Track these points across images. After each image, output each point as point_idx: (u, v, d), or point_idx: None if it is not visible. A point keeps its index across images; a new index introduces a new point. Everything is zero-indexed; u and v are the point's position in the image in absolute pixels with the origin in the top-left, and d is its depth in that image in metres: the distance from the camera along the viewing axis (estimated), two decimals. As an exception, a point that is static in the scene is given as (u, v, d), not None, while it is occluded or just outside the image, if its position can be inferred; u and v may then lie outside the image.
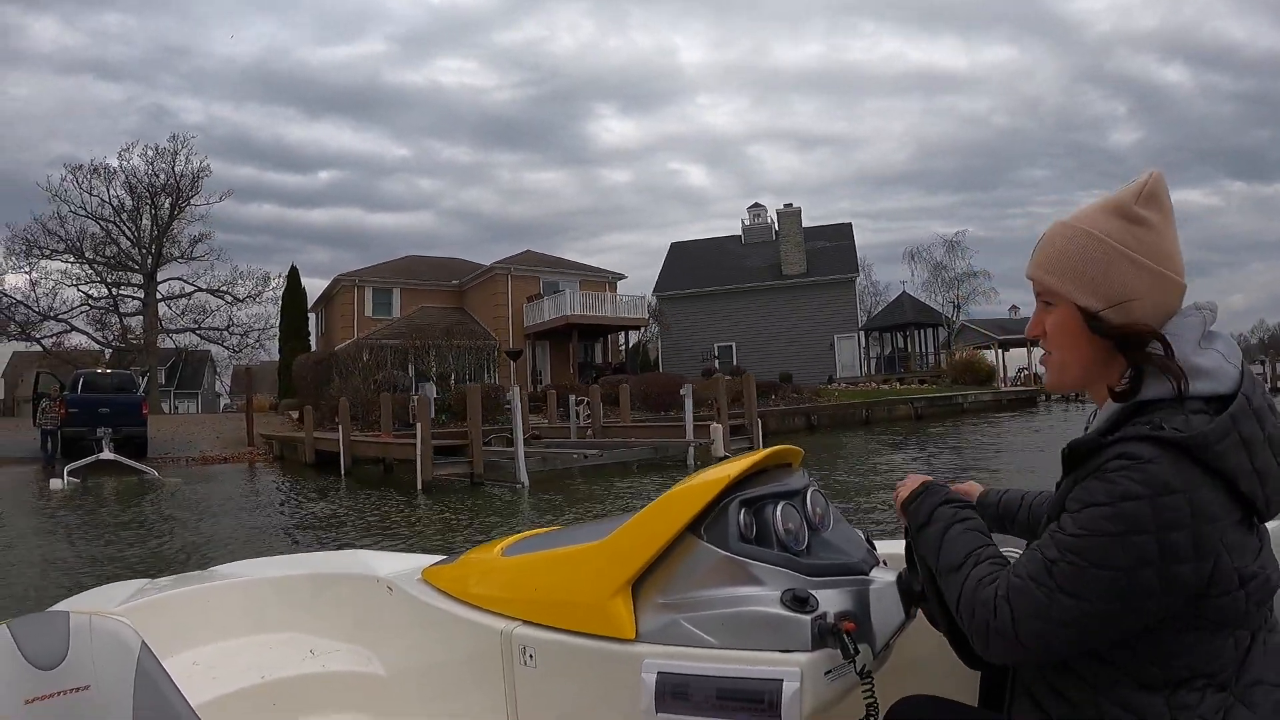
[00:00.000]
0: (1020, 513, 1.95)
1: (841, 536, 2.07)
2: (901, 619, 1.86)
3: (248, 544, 11.75)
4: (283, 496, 18.14)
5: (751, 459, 2.08)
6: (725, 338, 47.94)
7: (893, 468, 18.42)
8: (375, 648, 2.69)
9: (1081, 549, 1.27)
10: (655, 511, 2.03)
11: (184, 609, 2.75)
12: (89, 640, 1.79)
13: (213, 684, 2.46)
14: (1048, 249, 1.47)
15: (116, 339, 47.91)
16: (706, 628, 1.86)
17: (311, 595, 2.89)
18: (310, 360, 35.64)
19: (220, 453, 29.01)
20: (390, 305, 43.95)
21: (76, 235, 45.96)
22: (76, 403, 25.97)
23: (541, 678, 2.15)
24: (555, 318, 39.96)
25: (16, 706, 1.67)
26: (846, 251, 49.44)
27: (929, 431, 28.76)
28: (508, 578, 2.38)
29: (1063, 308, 1.45)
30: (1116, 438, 1.31)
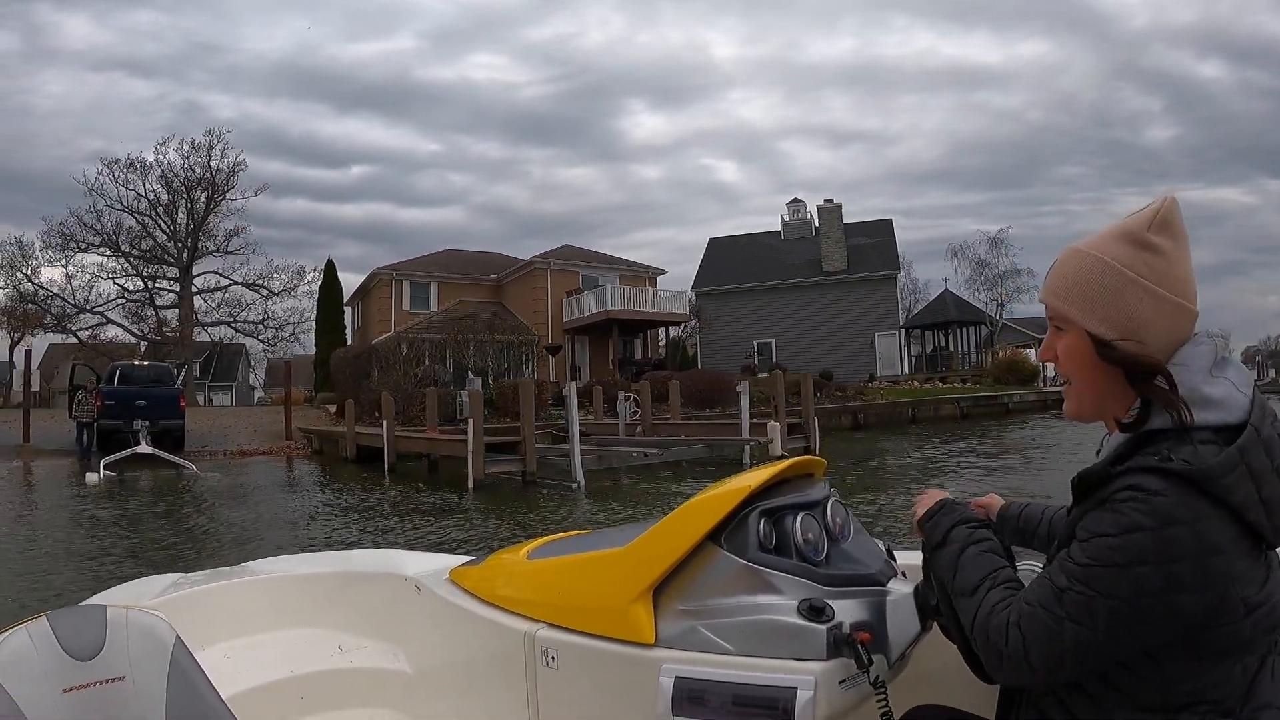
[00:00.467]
0: (1040, 527, 1.95)
1: (861, 547, 2.08)
2: (917, 630, 1.85)
3: (295, 548, 10.82)
4: (327, 496, 17.22)
5: (773, 469, 2.09)
6: (765, 335, 46.89)
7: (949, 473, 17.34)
8: (402, 645, 2.73)
9: (1089, 578, 1.29)
10: (677, 519, 2.05)
11: (216, 603, 2.80)
12: (125, 633, 1.84)
13: (243, 677, 2.51)
14: (1060, 274, 1.47)
15: (152, 332, 47.44)
16: (724, 635, 1.87)
17: (341, 592, 2.93)
18: (349, 354, 34.81)
19: (258, 446, 28.22)
20: (428, 299, 43.16)
21: (113, 229, 45.56)
22: (113, 395, 25.24)
23: (563, 679, 2.17)
24: (595, 312, 38.97)
25: (55, 696, 1.71)
26: (887, 248, 48.21)
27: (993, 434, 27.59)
28: (533, 580, 2.40)
29: (1074, 333, 1.45)
30: (1125, 468, 1.32)
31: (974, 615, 1.47)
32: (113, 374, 26.86)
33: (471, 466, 16.83)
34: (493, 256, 49.78)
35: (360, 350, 34.59)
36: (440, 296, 43.28)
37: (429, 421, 22.79)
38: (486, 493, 16.30)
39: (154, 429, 23.86)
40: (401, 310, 42.01)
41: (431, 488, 17.69)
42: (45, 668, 1.73)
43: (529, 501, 15.34)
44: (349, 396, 29.66)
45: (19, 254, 44.87)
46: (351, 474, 20.84)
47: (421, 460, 21.35)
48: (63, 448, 26.21)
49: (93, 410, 24.72)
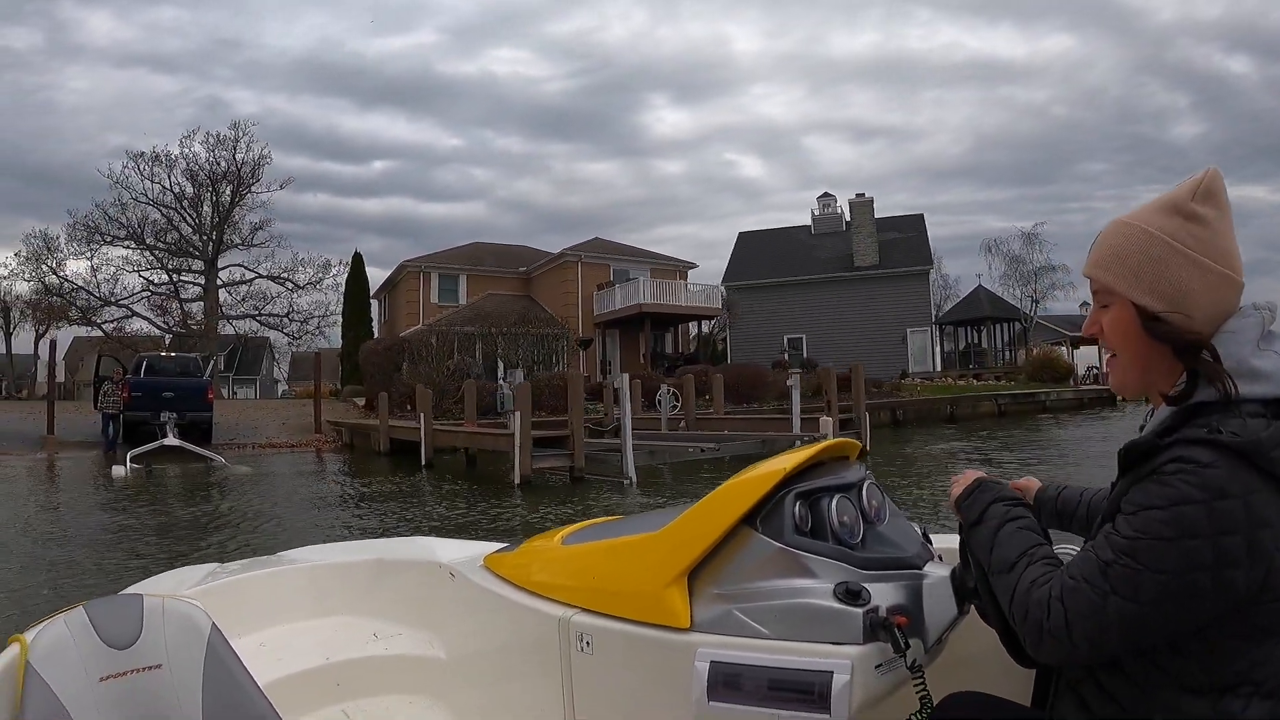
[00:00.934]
0: (1079, 509, 1.90)
1: (897, 530, 2.04)
2: (954, 614, 1.80)
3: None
4: (365, 492, 16.22)
5: (809, 451, 2.06)
6: (795, 330, 45.63)
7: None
8: (437, 632, 2.70)
9: (1136, 551, 1.26)
10: (712, 503, 2.02)
11: (252, 592, 2.79)
12: (161, 622, 1.87)
13: (279, 664, 2.51)
14: (1104, 247, 1.46)
15: (177, 324, 46.61)
16: (760, 618, 1.85)
17: (375, 580, 2.92)
18: (379, 346, 33.84)
19: (287, 439, 27.32)
20: (456, 292, 42.12)
21: (138, 222, 44.96)
22: (140, 386, 24.39)
23: (598, 664, 2.14)
24: (627, 306, 37.87)
25: (92, 684, 1.73)
26: (919, 243, 46.79)
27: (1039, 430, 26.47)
28: (567, 566, 2.36)
29: (1119, 306, 1.44)
30: (1173, 439, 1.29)
31: (1013, 591, 1.42)
32: (139, 365, 26.03)
33: (518, 462, 15.81)
34: (521, 249, 48.80)
35: (390, 343, 33.62)
36: (469, 289, 42.35)
37: (467, 415, 21.79)
38: (534, 489, 15.34)
39: (181, 421, 23.12)
40: (430, 303, 41.04)
41: (474, 483, 16.76)
42: (82, 656, 1.75)
43: (581, 498, 14.41)
44: (378, 389, 28.87)
45: (44, 247, 44.49)
46: (386, 468, 19.89)
47: (458, 454, 20.49)
48: (87, 439, 25.42)
49: (119, 402, 23.93)
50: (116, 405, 23.90)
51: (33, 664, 1.70)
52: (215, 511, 13.68)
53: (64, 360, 56.92)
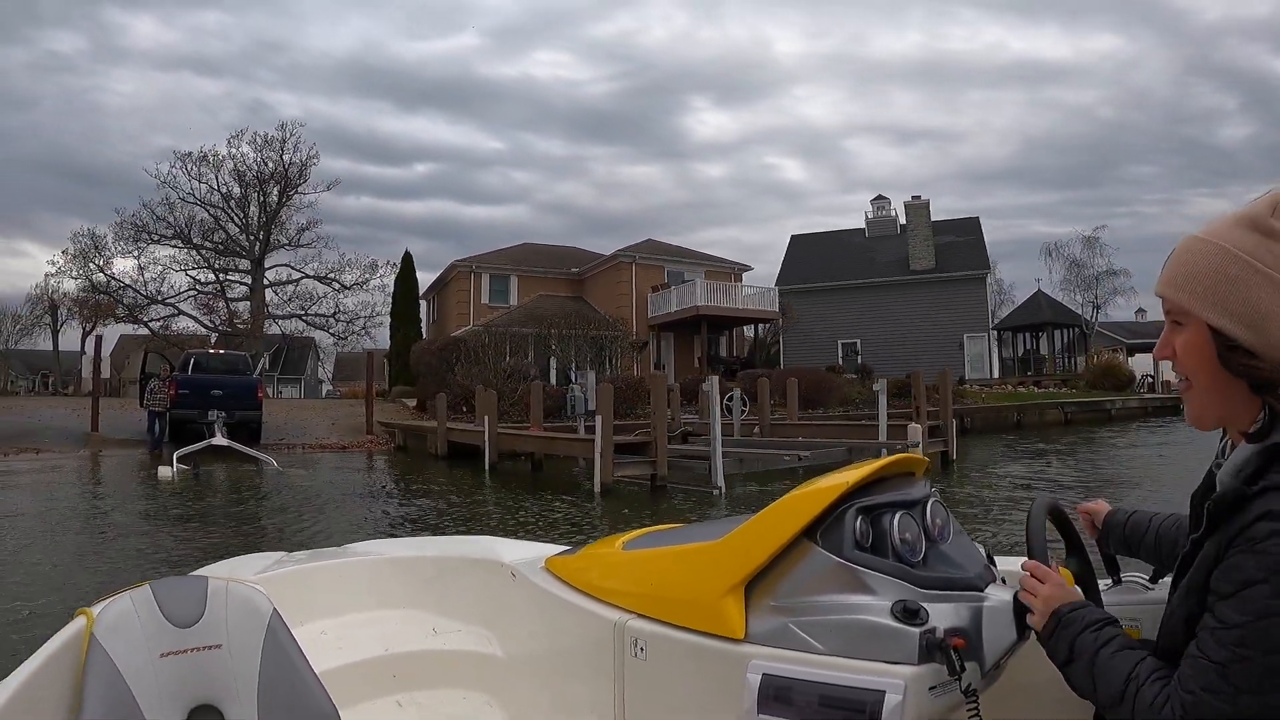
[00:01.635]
0: (1147, 536, 1.86)
1: (960, 550, 1.96)
2: (1014, 639, 1.74)
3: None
4: (432, 500, 14.70)
5: (873, 466, 2.01)
6: (850, 334, 44.03)
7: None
8: (495, 630, 2.70)
9: (1250, 639, 1.15)
10: (773, 514, 1.99)
11: (316, 582, 2.79)
12: (224, 604, 1.91)
13: (338, 653, 2.52)
14: (1178, 264, 1.36)
15: (223, 323, 45.73)
16: (815, 633, 1.82)
17: (437, 576, 2.91)
18: (432, 346, 32.41)
19: (337, 440, 25.93)
20: (507, 292, 40.66)
21: (185, 221, 43.93)
22: (188, 384, 23.11)
23: (651, 670, 2.13)
24: (684, 308, 36.20)
25: (152, 658, 1.78)
26: (976, 246, 45.03)
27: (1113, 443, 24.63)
28: (626, 571, 2.35)
29: (1193, 329, 1.34)
30: (1260, 488, 1.20)
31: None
32: (187, 362, 24.78)
33: (599, 469, 14.30)
34: (570, 251, 47.36)
35: (444, 343, 32.14)
36: (519, 290, 40.90)
37: (533, 418, 20.23)
38: (614, 498, 13.86)
39: (230, 420, 21.82)
40: (480, 303, 39.62)
41: (546, 490, 15.22)
42: (145, 632, 1.79)
43: (668, 508, 12.95)
44: (430, 390, 27.55)
45: (92, 245, 43.46)
46: (447, 473, 18.40)
47: (521, 459, 19.07)
48: (132, 437, 24.22)
49: (166, 399, 22.63)
50: (163, 403, 22.63)
51: (97, 636, 1.74)
52: (269, 519, 12.38)
53: (109, 357, 56.53)
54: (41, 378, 68.30)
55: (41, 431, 24.80)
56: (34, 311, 60.64)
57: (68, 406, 30.39)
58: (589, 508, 12.81)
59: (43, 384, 66.29)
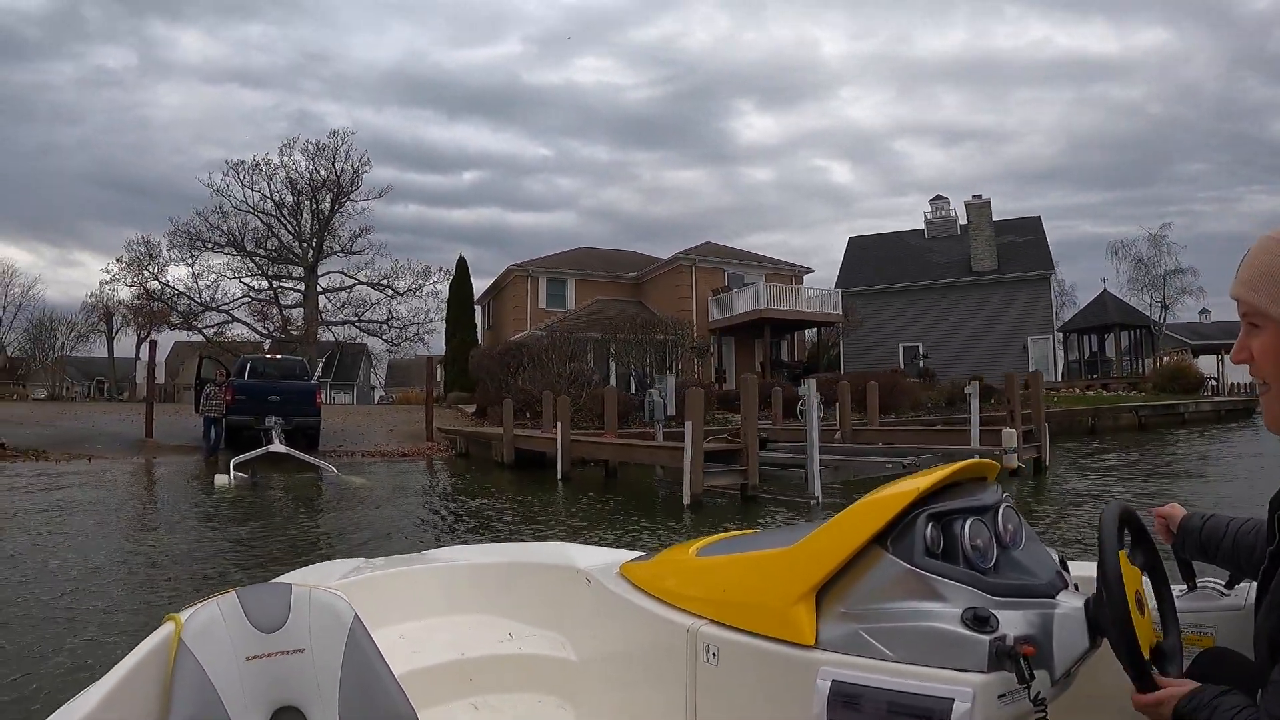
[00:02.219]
0: (1225, 541, 1.78)
1: (1032, 556, 1.92)
2: (1085, 647, 1.71)
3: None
4: (511, 515, 13.44)
5: (944, 472, 1.98)
6: (911, 337, 42.29)
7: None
8: (570, 634, 2.70)
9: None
10: (843, 521, 1.98)
11: (394, 587, 2.83)
12: (307, 609, 1.94)
13: (415, 657, 2.55)
14: (1253, 265, 1.30)
15: (277, 330, 45.30)
16: (884, 640, 1.79)
17: (513, 582, 2.93)
18: (494, 351, 31.24)
19: (396, 447, 24.80)
20: (564, 297, 39.43)
21: (238, 229, 43.69)
22: (245, 389, 22.13)
23: (722, 675, 2.11)
24: (746, 311, 34.68)
25: (238, 662, 1.82)
26: (1039, 246, 43.03)
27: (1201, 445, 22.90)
28: (699, 577, 2.35)
29: (1271, 330, 1.29)
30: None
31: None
32: (243, 368, 23.82)
33: (689, 479, 12.94)
34: (626, 254, 46.10)
35: (505, 347, 30.93)
36: (577, 295, 39.70)
37: (608, 424, 18.89)
38: (705, 510, 12.55)
39: (288, 427, 20.78)
40: (537, 308, 38.43)
41: (628, 501, 13.95)
42: (232, 637, 1.83)
43: (765, 520, 11.62)
44: (491, 395, 26.43)
45: (146, 253, 43.20)
46: (517, 482, 17.18)
47: (588, 466, 17.90)
48: (187, 443, 23.31)
49: (222, 405, 21.65)
50: (219, 409, 21.63)
51: (185, 641, 1.78)
52: (333, 529, 11.30)
53: (164, 364, 56.24)
54: (97, 384, 68.26)
55: (95, 437, 23.96)
56: (89, 319, 60.45)
57: (122, 412, 29.68)
58: (675, 527, 11.47)
59: (98, 390, 66.18)
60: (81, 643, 5.82)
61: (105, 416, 27.97)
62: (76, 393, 64.16)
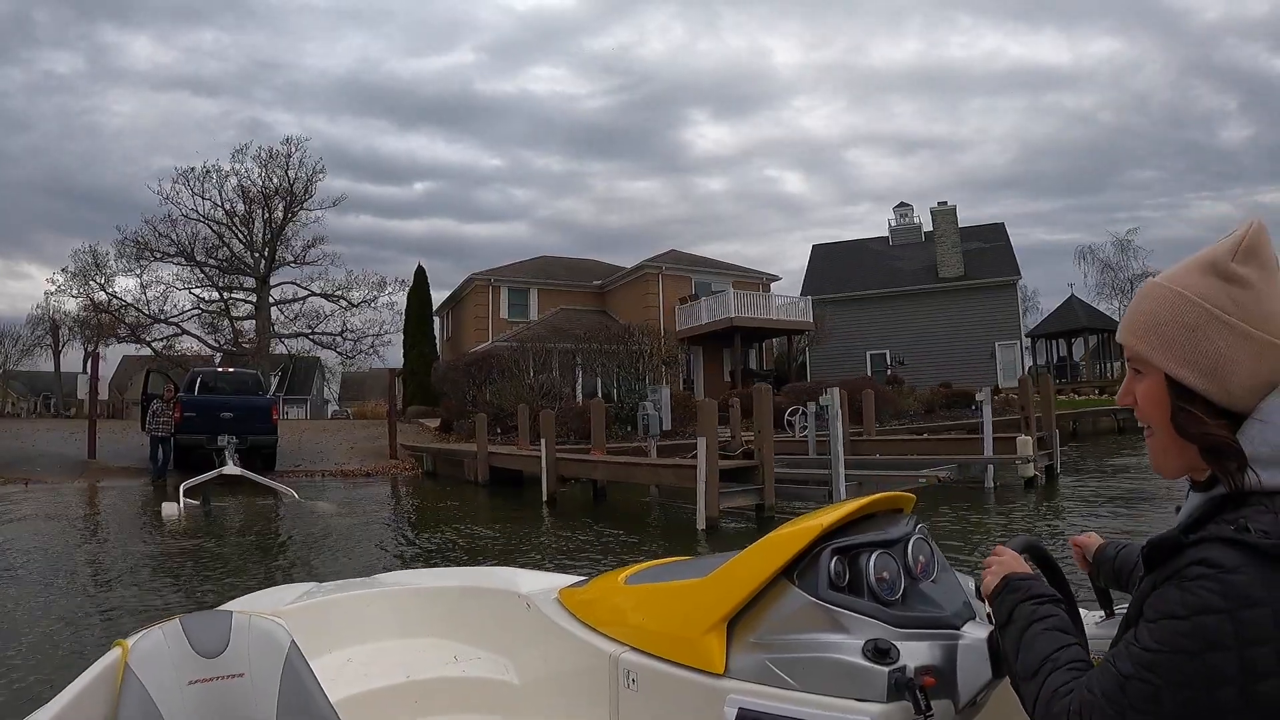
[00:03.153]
0: (1137, 569, 1.65)
1: (942, 588, 1.91)
2: (989, 677, 1.68)
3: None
4: (497, 539, 11.78)
5: (849, 507, 1.98)
6: (878, 344, 41.16)
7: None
8: (512, 658, 2.68)
9: (1155, 665, 1.08)
10: (753, 554, 1.98)
11: (343, 612, 2.81)
12: (247, 636, 1.93)
13: (363, 680, 2.53)
14: (1138, 311, 1.26)
15: (228, 343, 42.80)
16: (789, 670, 1.79)
17: (459, 606, 2.90)
18: (460, 362, 29.39)
19: (359, 465, 22.93)
20: (527, 307, 37.59)
21: (188, 238, 41.22)
22: (195, 405, 20.18)
23: (641, 701, 2.11)
24: (717, 320, 33.15)
25: (181, 686, 1.82)
26: (1004, 252, 42.24)
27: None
28: (624, 605, 2.33)
29: (1152, 377, 1.24)
30: (1197, 538, 1.11)
31: (1034, 700, 1.27)
32: (193, 381, 21.78)
33: (704, 500, 11.44)
34: (589, 263, 44.36)
35: (473, 358, 29.09)
36: (539, 304, 37.94)
37: (596, 440, 17.18)
38: (721, 535, 11.06)
39: (242, 446, 18.85)
40: (499, 318, 36.63)
41: (626, 527, 12.35)
42: (175, 661, 1.84)
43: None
44: (456, 409, 24.61)
45: (93, 263, 40.82)
46: (498, 506, 15.55)
47: (574, 485, 16.26)
48: (134, 465, 21.29)
49: (170, 422, 19.65)
50: (167, 427, 19.66)
51: (131, 665, 1.80)
52: (300, 568, 9.60)
53: (110, 379, 53.50)
54: (44, 399, 65.00)
55: (35, 459, 21.88)
56: (35, 332, 57.46)
57: (67, 430, 27.26)
58: (692, 548, 9.89)
59: (45, 406, 62.95)
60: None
61: (48, 434, 25.70)
62: (22, 409, 60.97)
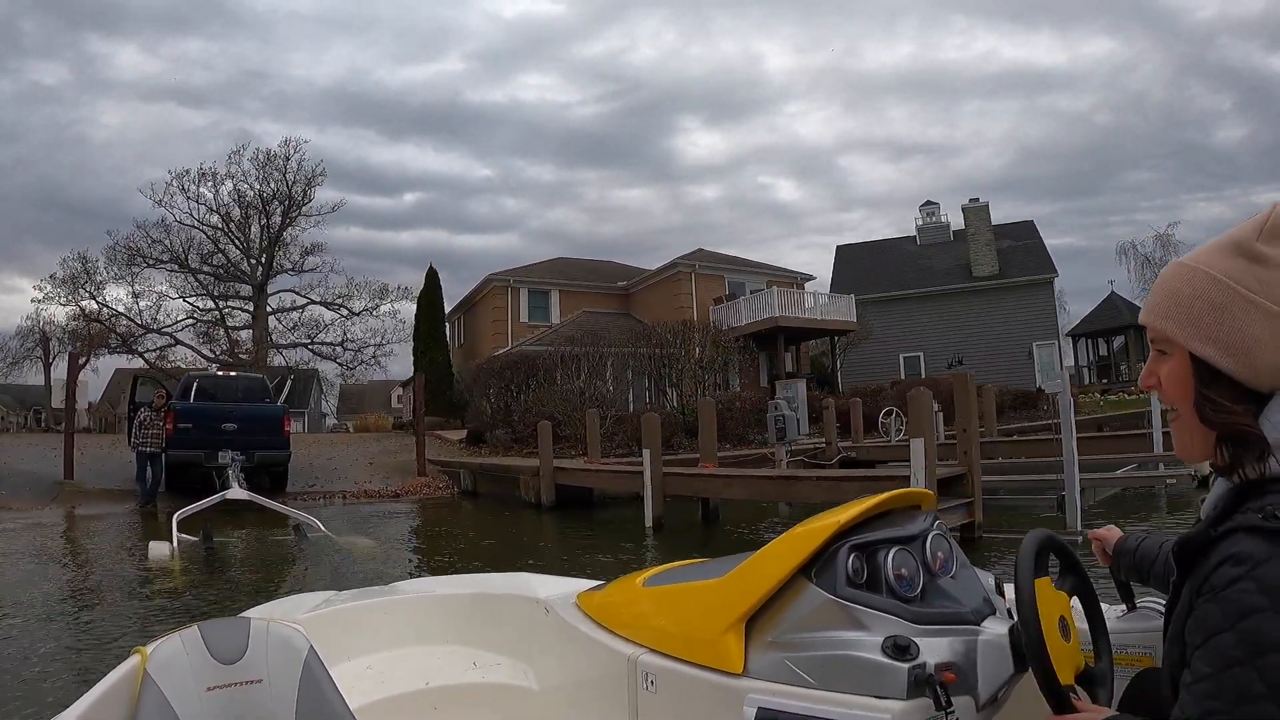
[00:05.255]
0: (1157, 563, 1.68)
1: (962, 584, 1.85)
2: (1010, 672, 1.65)
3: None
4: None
5: (867, 504, 1.92)
6: (911, 346, 37.68)
7: None
8: (530, 663, 2.62)
9: (1220, 692, 1.00)
10: (770, 553, 1.95)
11: (362, 619, 2.74)
12: (265, 642, 1.88)
13: (382, 686, 2.48)
14: (1162, 291, 1.24)
15: (224, 353, 38.87)
16: (808, 668, 1.75)
17: (477, 612, 2.84)
18: (495, 365, 25.37)
19: (384, 485, 18.88)
20: (548, 309, 33.73)
21: (181, 245, 37.58)
22: (189, 414, 16.18)
23: (660, 703, 2.08)
24: (760, 320, 29.38)
25: (199, 692, 1.77)
26: (1037, 250, 38.93)
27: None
28: (642, 607, 2.31)
29: (1177, 357, 1.20)
30: (1224, 530, 1.07)
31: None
32: (189, 387, 17.69)
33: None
34: (608, 265, 40.57)
35: (506, 361, 25.07)
36: (561, 306, 34.13)
37: (703, 451, 13.09)
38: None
39: (248, 463, 14.91)
40: (519, 322, 32.77)
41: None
42: (193, 668, 1.79)
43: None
44: (487, 419, 20.79)
45: (82, 270, 36.94)
46: (584, 533, 11.75)
47: (672, 503, 12.28)
48: (118, 486, 17.25)
49: (160, 436, 15.60)
50: (157, 441, 15.61)
51: (149, 672, 1.74)
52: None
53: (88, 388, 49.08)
54: (34, 413, 60.53)
55: (6, 478, 17.78)
56: (24, 344, 53.16)
57: (49, 445, 23.07)
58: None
59: (35, 420, 58.47)
60: None
61: (28, 450, 21.50)
62: (11, 423, 56.52)
